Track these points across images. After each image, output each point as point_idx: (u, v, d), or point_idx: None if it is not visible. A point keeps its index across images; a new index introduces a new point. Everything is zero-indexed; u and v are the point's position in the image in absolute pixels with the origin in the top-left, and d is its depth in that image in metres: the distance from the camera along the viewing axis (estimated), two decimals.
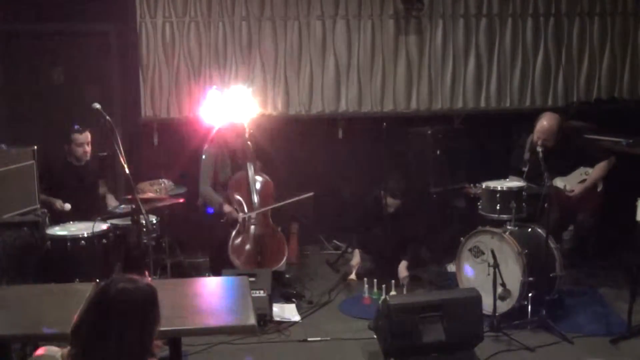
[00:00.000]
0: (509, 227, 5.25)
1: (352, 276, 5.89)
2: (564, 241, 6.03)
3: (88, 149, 5.74)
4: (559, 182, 5.74)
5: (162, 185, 6.10)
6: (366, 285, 5.71)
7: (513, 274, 5.03)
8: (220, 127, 6.07)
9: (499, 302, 4.96)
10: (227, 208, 5.78)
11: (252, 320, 3.27)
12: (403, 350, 4.32)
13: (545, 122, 5.63)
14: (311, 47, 6.96)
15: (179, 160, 6.49)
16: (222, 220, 5.75)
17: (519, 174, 5.74)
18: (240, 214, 5.77)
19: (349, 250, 6.65)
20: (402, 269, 5.85)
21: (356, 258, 6.03)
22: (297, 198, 5.99)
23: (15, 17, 6.50)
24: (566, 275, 5.37)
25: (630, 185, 5.02)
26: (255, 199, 5.87)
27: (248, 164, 5.93)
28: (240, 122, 6.01)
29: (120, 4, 6.70)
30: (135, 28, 6.71)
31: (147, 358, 2.33)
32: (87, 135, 5.70)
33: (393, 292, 5.58)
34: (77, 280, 4.56)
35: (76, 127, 5.71)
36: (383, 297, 5.34)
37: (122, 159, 4.45)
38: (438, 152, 6.59)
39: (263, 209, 5.86)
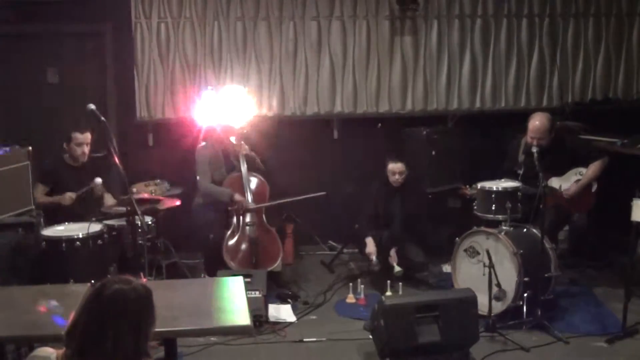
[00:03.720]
0: (504, 228, 5.26)
1: (374, 263, 5.77)
2: (559, 241, 6.04)
3: (87, 149, 5.69)
4: (554, 183, 5.76)
5: (157, 186, 6.10)
6: (361, 286, 5.72)
7: (508, 275, 5.04)
8: (208, 126, 6.07)
9: (494, 303, 4.97)
10: (238, 197, 5.79)
11: (247, 321, 3.27)
12: (399, 350, 4.33)
13: (537, 122, 5.64)
14: (306, 47, 6.96)
15: (174, 160, 6.48)
16: (230, 208, 5.74)
17: (513, 176, 5.72)
18: (251, 204, 5.78)
19: (344, 251, 6.68)
20: (393, 254, 5.87)
21: (370, 245, 5.85)
22: (308, 196, 6.00)
23: (10, 18, 6.48)
24: (561, 275, 5.39)
25: (624, 185, 5.03)
26: (249, 196, 5.88)
27: (240, 159, 5.93)
28: (230, 123, 6.01)
29: (115, 4, 6.68)
30: (130, 28, 6.69)
31: (142, 359, 2.33)
32: (87, 136, 5.66)
33: (389, 293, 5.59)
34: (72, 281, 4.55)
35: (75, 132, 5.66)
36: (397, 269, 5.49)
37: (117, 160, 4.44)
38: (433, 152, 6.59)
39: (274, 203, 5.89)
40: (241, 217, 5.84)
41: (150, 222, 5.60)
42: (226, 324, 3.35)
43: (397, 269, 5.76)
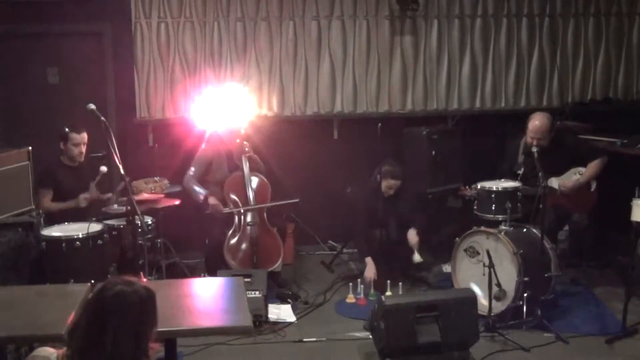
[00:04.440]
0: (504, 228, 5.26)
1: (371, 290, 5.69)
2: (559, 241, 6.04)
3: (84, 149, 5.69)
4: (553, 183, 5.76)
5: (157, 185, 6.09)
6: (361, 286, 5.72)
7: (508, 274, 5.04)
8: (215, 128, 6.09)
9: (494, 303, 4.97)
10: (212, 200, 5.80)
11: (247, 321, 3.27)
12: (399, 350, 4.32)
13: (537, 122, 5.64)
14: (306, 47, 6.96)
15: (174, 160, 6.48)
16: (206, 212, 5.76)
17: (513, 177, 5.72)
18: (226, 208, 5.79)
19: (344, 251, 6.68)
20: (413, 235, 5.85)
21: (370, 268, 5.76)
22: (282, 202, 6.02)
23: (9, 18, 6.47)
24: (561, 275, 5.38)
25: (624, 185, 5.03)
26: (251, 195, 5.89)
27: (243, 160, 5.94)
28: (236, 124, 6.03)
29: (115, 4, 6.68)
30: (130, 28, 6.69)
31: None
32: (84, 136, 5.66)
33: (389, 293, 5.58)
34: (72, 281, 4.54)
35: (67, 129, 5.65)
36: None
37: (117, 160, 4.44)
38: (433, 152, 6.59)
39: (249, 207, 5.87)
40: (242, 217, 5.84)
41: (150, 222, 5.60)
42: (226, 324, 3.34)
43: (417, 258, 5.74)
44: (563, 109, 7.17)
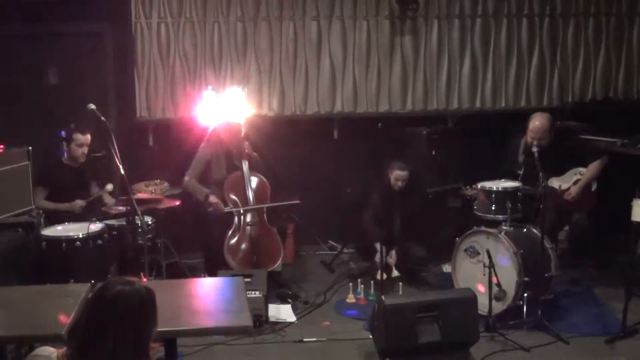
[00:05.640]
0: (504, 228, 5.26)
1: (395, 272, 5.86)
2: (559, 241, 6.04)
3: (86, 150, 5.71)
4: (554, 182, 5.76)
5: (157, 186, 6.10)
6: (361, 286, 5.73)
7: (508, 274, 5.04)
8: (215, 126, 6.10)
9: (494, 303, 4.97)
10: (213, 198, 5.80)
11: (247, 321, 3.27)
12: (399, 350, 4.33)
13: (537, 122, 5.65)
14: (307, 47, 6.96)
15: (175, 160, 6.48)
16: (209, 210, 5.76)
17: (513, 177, 5.72)
18: (226, 208, 5.79)
19: (344, 251, 6.68)
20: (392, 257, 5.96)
21: (393, 257, 5.95)
22: (282, 203, 6.02)
23: (9, 18, 6.47)
24: (561, 275, 5.39)
25: (625, 185, 5.03)
26: (251, 195, 5.90)
27: (243, 161, 5.96)
28: (236, 122, 6.04)
29: (115, 4, 6.68)
30: (131, 28, 6.69)
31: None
32: (87, 138, 5.68)
33: (396, 273, 5.63)
34: (72, 281, 4.55)
35: (72, 125, 5.69)
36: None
37: (117, 160, 4.44)
38: (433, 152, 6.60)
39: (249, 207, 5.87)
40: (242, 217, 5.85)
41: (150, 222, 5.60)
42: (226, 324, 3.35)
43: (395, 273, 5.78)
44: (563, 109, 7.17)
